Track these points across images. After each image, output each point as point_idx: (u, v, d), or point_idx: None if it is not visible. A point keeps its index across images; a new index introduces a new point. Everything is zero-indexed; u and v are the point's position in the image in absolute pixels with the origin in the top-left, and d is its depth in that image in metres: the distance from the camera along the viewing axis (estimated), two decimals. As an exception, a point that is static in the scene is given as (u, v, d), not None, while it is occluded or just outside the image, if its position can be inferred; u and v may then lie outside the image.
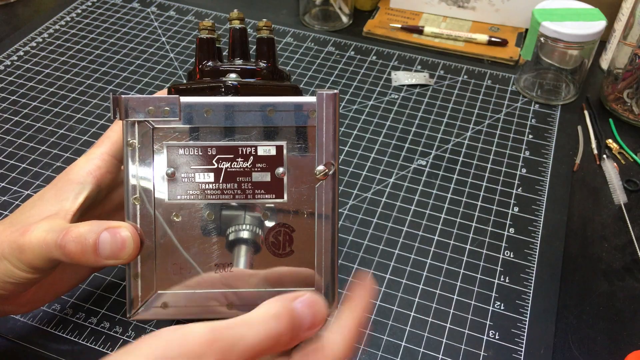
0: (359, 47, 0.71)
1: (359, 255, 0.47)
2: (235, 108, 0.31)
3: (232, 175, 0.31)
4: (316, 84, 0.65)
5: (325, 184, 0.31)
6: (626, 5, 0.63)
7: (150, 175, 0.31)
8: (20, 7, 0.78)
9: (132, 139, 0.31)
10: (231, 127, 0.31)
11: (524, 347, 0.41)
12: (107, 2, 0.79)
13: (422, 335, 0.42)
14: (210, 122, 0.31)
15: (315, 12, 0.75)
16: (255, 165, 0.31)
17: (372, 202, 0.52)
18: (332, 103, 0.30)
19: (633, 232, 0.50)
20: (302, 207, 0.31)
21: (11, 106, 0.61)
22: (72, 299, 0.44)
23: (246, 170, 0.31)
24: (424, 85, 0.65)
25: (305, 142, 0.31)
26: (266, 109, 0.31)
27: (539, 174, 0.55)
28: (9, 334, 0.41)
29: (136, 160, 0.31)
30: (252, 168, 0.31)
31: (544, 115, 0.61)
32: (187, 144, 0.31)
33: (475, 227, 0.50)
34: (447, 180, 0.54)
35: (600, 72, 0.68)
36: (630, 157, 0.57)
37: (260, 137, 0.31)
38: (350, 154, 0.57)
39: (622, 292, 0.45)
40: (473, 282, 0.45)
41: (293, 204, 0.31)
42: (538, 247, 0.48)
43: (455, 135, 0.59)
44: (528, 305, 0.44)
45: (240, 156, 0.31)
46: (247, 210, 0.31)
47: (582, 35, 0.57)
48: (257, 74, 0.36)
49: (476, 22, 0.74)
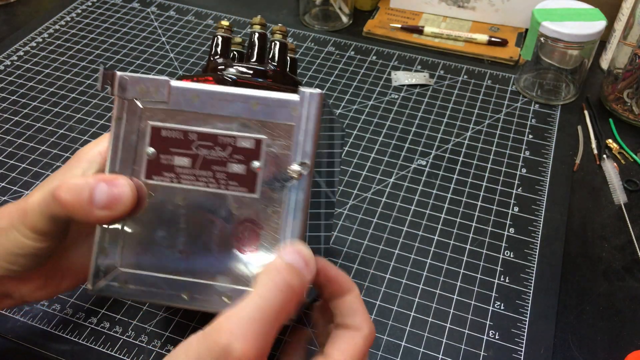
0: (359, 47, 0.71)
1: (359, 255, 0.47)
2: (221, 97, 0.31)
3: (208, 163, 0.31)
4: (316, 84, 0.65)
5: (299, 184, 0.31)
6: (626, 5, 0.63)
7: (132, 153, 0.31)
8: (20, 7, 0.78)
9: (120, 115, 0.31)
10: (215, 115, 0.31)
11: (524, 347, 0.41)
12: (107, 2, 0.79)
13: (422, 335, 0.42)
14: (195, 108, 0.31)
15: (315, 12, 0.75)
16: (232, 155, 0.31)
17: (372, 202, 0.52)
18: (316, 103, 0.30)
19: (633, 232, 0.50)
20: (272, 205, 0.31)
21: (11, 106, 0.61)
22: (72, 299, 0.44)
23: (222, 159, 0.31)
24: (424, 85, 0.65)
25: (286, 140, 0.31)
26: (251, 101, 0.31)
27: (539, 174, 0.55)
28: (9, 334, 0.41)
29: (121, 136, 0.31)
30: (229, 158, 0.31)
31: (544, 115, 0.61)
32: (171, 126, 0.31)
33: (475, 227, 0.50)
34: (447, 180, 0.54)
35: (600, 72, 0.68)
36: (630, 157, 0.57)
37: (242, 129, 0.31)
38: (350, 154, 0.57)
39: (622, 292, 0.45)
40: (473, 282, 0.45)
41: (264, 201, 0.31)
42: (538, 247, 0.48)
43: (455, 135, 0.59)
44: (528, 305, 0.44)
45: (219, 145, 0.31)
46: (219, 201, 0.31)
47: (582, 35, 0.57)
48: (262, 75, 0.36)
49: (476, 22, 0.74)
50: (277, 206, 0.31)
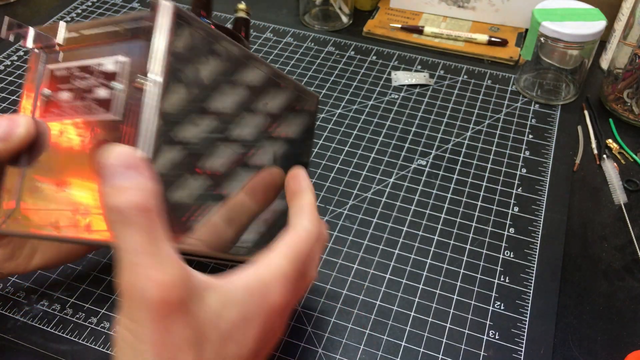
0: (359, 47, 0.71)
1: (359, 255, 0.47)
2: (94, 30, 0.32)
3: (81, 93, 0.32)
4: (316, 84, 0.65)
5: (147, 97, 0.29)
6: (626, 5, 0.63)
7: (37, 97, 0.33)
8: (20, 7, 0.78)
9: (30, 64, 0.34)
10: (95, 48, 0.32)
11: (524, 347, 0.41)
12: (107, 2, 0.79)
13: (422, 335, 0.42)
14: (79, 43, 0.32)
15: (315, 12, 0.75)
16: (98, 81, 0.31)
17: (372, 202, 0.52)
18: (168, 16, 0.29)
19: (633, 232, 0.50)
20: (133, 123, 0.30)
21: (11, 106, 0.61)
22: (72, 299, 0.44)
23: (91, 87, 0.31)
24: (424, 85, 0.65)
25: (144, 57, 0.29)
26: (118, 25, 0.31)
27: (539, 174, 0.55)
28: (9, 334, 0.41)
29: (29, 82, 0.34)
30: (96, 84, 0.31)
31: (544, 115, 0.61)
32: (60, 66, 0.32)
33: (475, 227, 0.50)
34: (447, 180, 0.54)
35: (600, 72, 0.68)
36: (630, 157, 0.57)
37: (109, 54, 0.31)
38: (350, 154, 0.57)
39: (622, 292, 0.45)
40: (473, 282, 0.45)
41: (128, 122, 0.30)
42: (538, 247, 0.48)
43: (455, 135, 0.59)
44: (528, 305, 0.44)
45: (89, 73, 0.31)
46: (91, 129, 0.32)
47: (582, 35, 0.57)
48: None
49: (476, 22, 0.74)
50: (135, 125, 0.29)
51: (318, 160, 0.56)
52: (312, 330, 0.42)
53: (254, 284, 0.26)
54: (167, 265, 0.23)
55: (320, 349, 0.41)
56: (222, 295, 0.25)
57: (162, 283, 0.22)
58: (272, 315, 0.26)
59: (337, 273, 0.46)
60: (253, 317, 0.25)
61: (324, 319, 0.43)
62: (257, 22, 0.75)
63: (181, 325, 0.23)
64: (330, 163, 0.55)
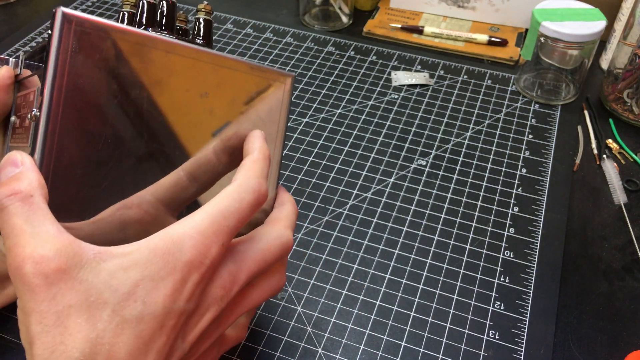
0: (359, 47, 0.71)
1: (359, 255, 0.47)
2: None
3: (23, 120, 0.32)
4: (316, 84, 0.65)
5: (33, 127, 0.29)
6: (626, 5, 0.63)
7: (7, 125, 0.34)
8: (20, 7, 0.78)
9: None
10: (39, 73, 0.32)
11: (524, 347, 0.41)
12: (107, 2, 0.79)
13: (422, 335, 0.42)
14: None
15: (315, 12, 0.75)
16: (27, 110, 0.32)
17: (372, 202, 0.52)
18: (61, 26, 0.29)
19: (633, 232, 0.50)
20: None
21: None
22: (72, 299, 0.44)
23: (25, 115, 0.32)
24: (424, 85, 0.65)
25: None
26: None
27: (539, 174, 0.55)
28: (9, 334, 0.41)
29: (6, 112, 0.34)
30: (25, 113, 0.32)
31: (544, 115, 0.61)
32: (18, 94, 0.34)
33: (475, 227, 0.50)
34: (447, 180, 0.54)
35: (600, 72, 0.68)
36: (630, 157, 0.57)
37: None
38: (350, 154, 0.57)
39: (622, 292, 0.45)
40: (473, 282, 0.45)
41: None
42: (538, 247, 0.48)
43: (455, 135, 0.59)
44: (528, 305, 0.44)
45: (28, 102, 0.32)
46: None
47: (582, 35, 0.57)
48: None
49: (476, 22, 0.74)
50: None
51: (318, 160, 0.56)
52: (312, 330, 0.42)
53: (164, 243, 0.26)
54: (43, 241, 0.24)
55: (320, 349, 0.41)
56: (122, 259, 0.25)
57: (36, 257, 0.24)
58: (189, 272, 0.26)
59: (337, 273, 0.46)
60: (163, 275, 0.26)
61: (324, 319, 0.43)
62: (257, 22, 0.75)
63: (66, 292, 0.24)
64: (330, 163, 0.55)
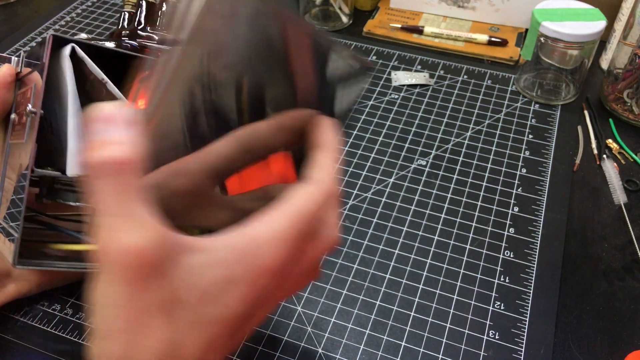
0: (359, 47, 0.71)
1: (359, 255, 0.47)
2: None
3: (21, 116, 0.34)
4: (316, 84, 0.65)
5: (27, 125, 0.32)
6: (626, 5, 0.63)
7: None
8: (20, 7, 0.78)
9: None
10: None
11: (524, 347, 0.41)
12: (107, 2, 0.79)
13: (422, 335, 0.42)
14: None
15: (315, 12, 0.75)
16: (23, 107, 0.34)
17: (372, 202, 0.52)
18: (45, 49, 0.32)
19: (633, 232, 0.50)
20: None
21: (11, 106, 0.61)
22: (72, 298, 0.44)
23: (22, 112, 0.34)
24: (424, 85, 0.65)
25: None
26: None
27: (539, 174, 0.55)
28: (9, 334, 0.41)
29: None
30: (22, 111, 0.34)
31: (544, 115, 0.61)
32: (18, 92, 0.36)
33: (475, 227, 0.50)
34: (447, 180, 0.54)
35: (600, 72, 0.68)
36: (630, 157, 0.57)
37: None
38: (350, 154, 0.57)
39: (622, 292, 0.45)
40: (473, 282, 0.45)
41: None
42: (538, 247, 0.48)
43: (455, 135, 0.59)
44: (528, 305, 0.44)
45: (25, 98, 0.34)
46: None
47: (582, 35, 0.57)
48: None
49: (476, 22, 0.74)
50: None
51: (318, 160, 0.56)
52: (312, 330, 0.42)
53: (243, 244, 0.24)
54: (140, 229, 0.22)
55: (320, 349, 0.41)
56: (205, 256, 0.24)
57: (133, 248, 0.22)
58: (262, 278, 0.25)
59: (337, 273, 0.46)
60: (239, 279, 0.24)
61: (324, 319, 0.43)
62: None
63: (153, 289, 0.22)
64: (330, 163, 0.55)
